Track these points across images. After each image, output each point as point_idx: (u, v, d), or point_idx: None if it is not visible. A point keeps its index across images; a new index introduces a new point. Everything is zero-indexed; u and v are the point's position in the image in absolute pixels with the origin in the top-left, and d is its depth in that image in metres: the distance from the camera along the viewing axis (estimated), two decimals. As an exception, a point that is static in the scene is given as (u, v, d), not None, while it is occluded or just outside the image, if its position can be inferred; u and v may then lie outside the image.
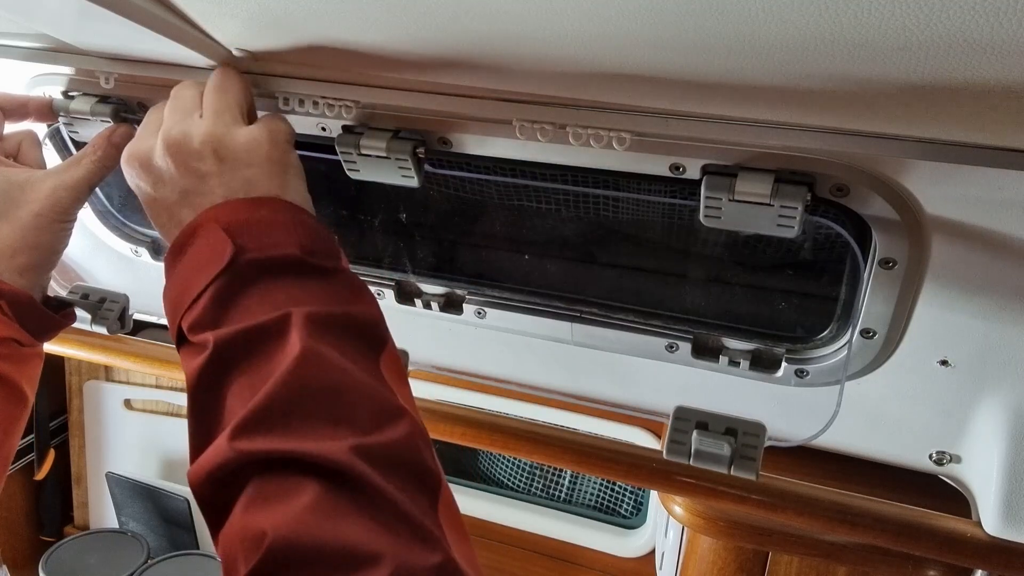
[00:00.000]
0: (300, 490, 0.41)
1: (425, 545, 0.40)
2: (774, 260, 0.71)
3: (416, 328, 0.89)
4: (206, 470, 0.43)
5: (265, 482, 0.42)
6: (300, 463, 0.42)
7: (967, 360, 0.66)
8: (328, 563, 0.38)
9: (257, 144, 0.56)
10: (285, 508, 0.40)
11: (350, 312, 0.51)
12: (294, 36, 0.56)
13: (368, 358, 0.50)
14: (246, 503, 0.41)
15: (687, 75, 0.49)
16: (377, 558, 0.38)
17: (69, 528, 1.84)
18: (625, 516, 1.60)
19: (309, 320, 0.48)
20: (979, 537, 0.73)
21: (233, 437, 0.43)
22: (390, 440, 0.44)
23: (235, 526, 0.41)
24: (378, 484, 0.41)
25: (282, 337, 0.47)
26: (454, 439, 0.88)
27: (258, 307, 0.49)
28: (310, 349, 0.46)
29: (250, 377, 0.46)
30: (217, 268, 0.50)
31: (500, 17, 0.46)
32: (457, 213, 0.80)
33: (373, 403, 0.46)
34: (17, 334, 0.60)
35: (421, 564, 0.39)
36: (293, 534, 0.38)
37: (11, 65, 0.74)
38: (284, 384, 0.45)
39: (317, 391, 0.45)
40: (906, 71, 0.42)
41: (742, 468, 0.66)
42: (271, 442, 0.42)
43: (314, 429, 0.43)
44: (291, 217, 0.53)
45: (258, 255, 0.50)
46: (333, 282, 0.52)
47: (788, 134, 0.55)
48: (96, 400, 1.74)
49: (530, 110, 0.60)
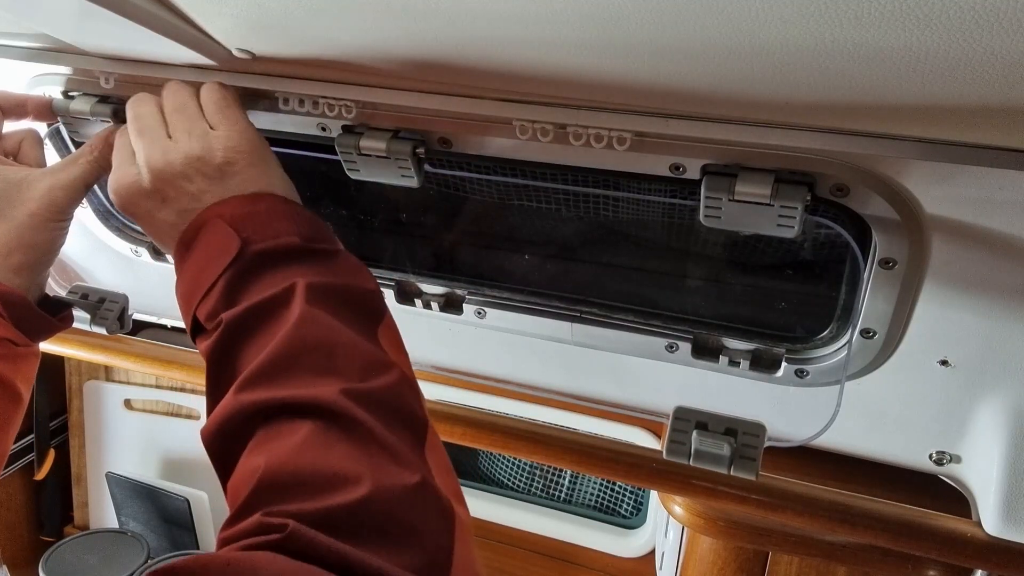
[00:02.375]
0: (295, 430, 0.44)
1: (405, 468, 0.44)
2: (774, 260, 0.71)
3: (416, 328, 0.88)
4: (215, 424, 0.47)
5: (267, 429, 0.46)
6: (296, 407, 0.46)
7: (967, 360, 0.66)
8: (313, 484, 0.41)
9: (236, 152, 0.58)
10: (280, 445, 0.44)
11: (349, 284, 0.55)
12: (293, 36, 0.56)
13: (364, 325, 0.53)
14: (250, 449, 0.46)
15: (688, 80, 0.49)
16: (358, 477, 0.41)
17: (69, 528, 1.83)
18: (625, 516, 1.60)
19: (310, 288, 0.52)
20: (979, 537, 0.73)
21: (237, 391, 0.47)
22: (378, 386, 0.48)
23: (240, 468, 0.45)
24: (363, 418, 0.45)
25: (287, 304, 0.51)
26: (454, 439, 0.88)
27: (266, 287, 0.53)
28: (308, 312, 0.50)
29: (258, 341, 0.50)
30: (227, 259, 0.53)
31: (498, 23, 0.46)
32: (457, 213, 0.80)
33: (364, 358, 0.50)
34: (11, 334, 0.60)
35: (399, 482, 0.42)
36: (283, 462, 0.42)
37: (11, 65, 0.74)
38: (285, 342, 0.49)
39: (313, 347, 0.49)
40: (907, 71, 0.42)
41: (742, 468, 0.66)
42: (270, 391, 0.47)
43: (309, 379, 0.47)
44: (287, 208, 0.57)
45: (264, 245, 0.54)
46: (334, 262, 0.56)
47: (788, 134, 0.55)
48: (96, 400, 1.74)
49: (530, 110, 0.60)
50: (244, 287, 0.53)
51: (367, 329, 0.53)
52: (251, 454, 0.45)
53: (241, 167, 0.58)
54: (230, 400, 0.47)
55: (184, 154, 0.57)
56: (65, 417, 1.78)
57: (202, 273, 0.54)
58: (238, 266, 0.53)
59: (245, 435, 0.46)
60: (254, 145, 0.59)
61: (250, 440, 0.46)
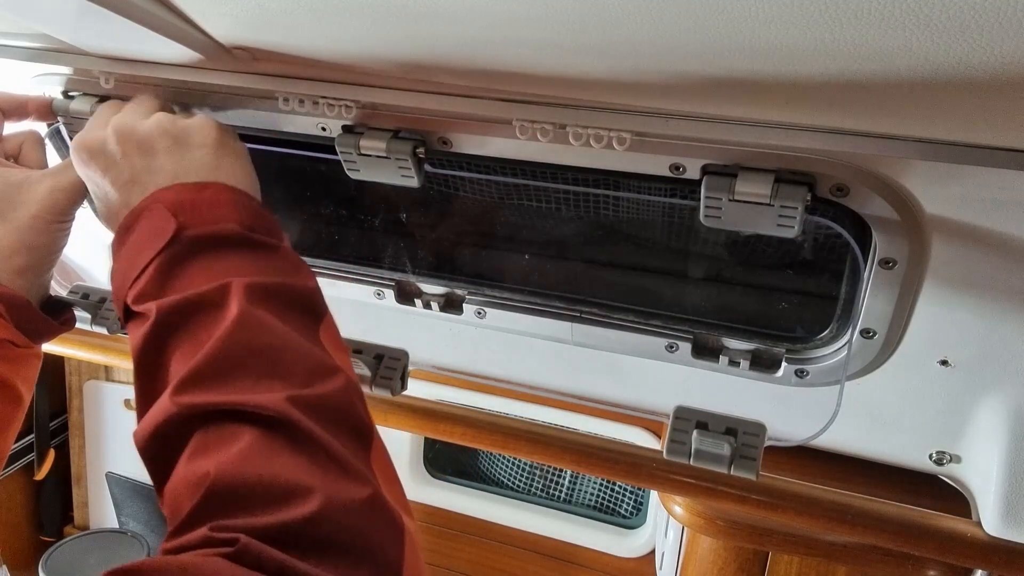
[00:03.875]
0: (238, 436, 0.43)
1: (355, 481, 0.43)
2: (774, 260, 0.71)
3: (416, 328, 0.89)
4: (151, 426, 0.45)
5: (206, 433, 0.44)
6: (238, 413, 0.44)
7: (967, 360, 0.66)
8: (263, 496, 0.40)
9: (208, 127, 0.59)
10: (224, 452, 0.42)
11: (288, 283, 0.53)
12: (293, 36, 0.56)
13: (306, 325, 0.52)
14: (189, 454, 0.44)
15: (686, 78, 0.49)
16: (309, 491, 0.40)
17: (69, 528, 1.84)
18: (625, 516, 1.60)
19: (248, 288, 0.50)
20: (979, 537, 0.73)
21: (175, 393, 0.45)
22: (323, 392, 0.47)
23: (179, 475, 0.43)
24: (311, 429, 0.43)
25: (222, 303, 0.49)
26: (454, 439, 0.88)
27: (200, 277, 0.51)
28: (248, 313, 0.49)
29: (191, 341, 0.48)
30: (161, 243, 0.52)
31: (498, 25, 0.46)
32: (457, 213, 0.80)
33: (308, 361, 0.48)
34: (12, 335, 0.60)
35: (350, 496, 0.41)
36: (230, 472, 0.41)
37: (11, 65, 0.74)
38: (223, 344, 0.47)
39: (254, 350, 0.47)
40: (907, 71, 0.42)
41: (742, 468, 0.66)
42: (210, 395, 0.45)
43: (251, 383, 0.45)
44: (234, 198, 0.56)
45: (200, 230, 0.53)
46: (273, 257, 0.55)
47: (788, 134, 0.55)
48: (96, 400, 1.74)
49: (530, 110, 0.60)
50: (176, 272, 0.52)
51: (309, 330, 0.52)
52: (192, 460, 0.43)
53: (208, 143, 0.58)
54: (167, 402, 0.45)
55: (156, 119, 0.59)
56: (65, 417, 1.78)
57: (136, 257, 0.53)
58: (172, 251, 0.52)
59: (183, 439, 0.44)
60: (227, 133, 0.60)
61: (187, 444, 0.44)
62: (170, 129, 0.58)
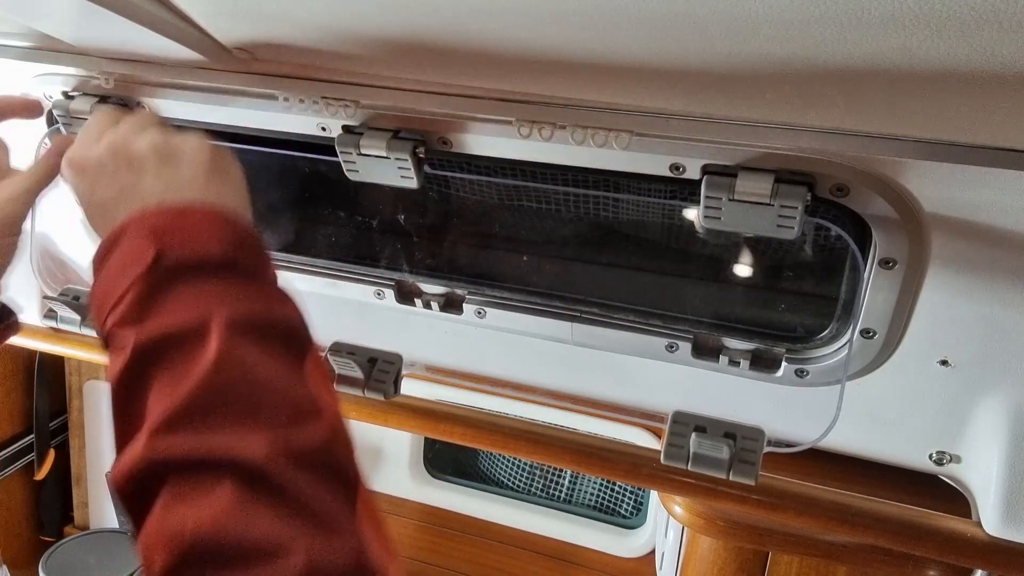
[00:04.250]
0: (217, 489, 0.41)
1: (339, 537, 0.41)
2: (774, 260, 0.71)
3: (416, 328, 0.88)
4: (126, 469, 0.44)
5: (183, 480, 0.42)
6: (216, 463, 0.42)
7: (967, 360, 0.66)
8: (243, 557, 0.39)
9: (199, 147, 0.57)
10: (202, 506, 0.41)
11: (272, 314, 0.51)
12: (290, 34, 0.56)
13: (289, 360, 0.50)
14: (164, 502, 0.42)
15: (682, 66, 0.49)
16: (291, 550, 0.39)
17: (69, 528, 1.84)
18: (625, 516, 1.60)
19: (229, 322, 0.48)
20: (979, 537, 0.73)
21: (151, 437, 0.44)
22: (307, 439, 0.45)
23: (154, 524, 0.42)
24: (294, 481, 0.42)
25: (202, 339, 0.48)
26: (454, 439, 0.88)
27: (180, 307, 0.49)
28: (229, 351, 0.47)
29: (170, 378, 0.47)
30: (140, 269, 0.50)
31: (493, 12, 0.46)
32: (457, 213, 0.80)
33: (291, 403, 0.47)
34: None
35: (333, 555, 0.40)
36: (209, 530, 0.39)
37: (11, 65, 0.74)
38: (202, 385, 0.45)
39: (235, 392, 0.45)
40: (907, 71, 0.42)
41: (741, 473, 0.66)
42: (188, 441, 0.43)
43: (231, 429, 0.44)
44: (219, 222, 0.54)
45: (181, 257, 0.51)
46: (257, 286, 0.53)
47: (788, 134, 0.55)
48: (96, 400, 1.74)
49: (530, 110, 0.60)
50: (155, 301, 0.50)
51: (293, 365, 0.50)
52: (168, 509, 0.42)
53: (194, 174, 0.56)
54: (141, 447, 0.44)
55: (148, 141, 0.57)
56: (65, 417, 1.78)
57: (115, 281, 0.52)
58: (151, 277, 0.50)
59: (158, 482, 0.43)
60: (216, 159, 0.58)
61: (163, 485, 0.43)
62: (161, 148, 0.57)
